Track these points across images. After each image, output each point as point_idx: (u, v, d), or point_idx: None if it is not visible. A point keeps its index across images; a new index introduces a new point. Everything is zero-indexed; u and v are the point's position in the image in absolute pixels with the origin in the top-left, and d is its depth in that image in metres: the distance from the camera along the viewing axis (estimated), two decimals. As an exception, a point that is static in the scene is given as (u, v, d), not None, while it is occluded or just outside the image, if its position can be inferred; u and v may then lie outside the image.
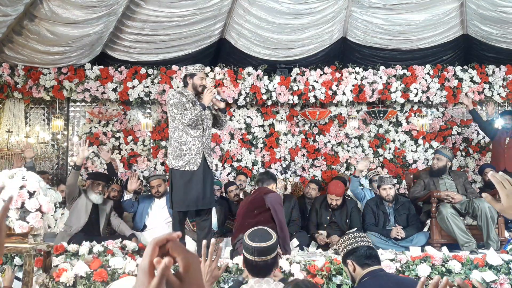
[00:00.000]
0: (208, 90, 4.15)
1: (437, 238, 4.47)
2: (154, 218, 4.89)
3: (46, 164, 6.35)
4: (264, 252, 2.25)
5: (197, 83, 4.21)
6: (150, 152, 6.55)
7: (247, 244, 2.28)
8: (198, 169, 4.06)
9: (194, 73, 4.25)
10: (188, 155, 4.07)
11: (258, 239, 2.28)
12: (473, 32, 6.19)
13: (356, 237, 2.38)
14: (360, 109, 6.80)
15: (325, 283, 3.14)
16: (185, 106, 4.08)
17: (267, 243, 2.28)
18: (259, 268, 2.26)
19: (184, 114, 4.03)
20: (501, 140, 5.74)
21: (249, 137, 6.67)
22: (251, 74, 6.40)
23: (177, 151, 4.09)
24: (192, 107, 4.07)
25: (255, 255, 2.24)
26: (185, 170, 4.06)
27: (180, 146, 4.09)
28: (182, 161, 4.07)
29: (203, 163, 4.11)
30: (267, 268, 2.27)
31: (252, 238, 2.30)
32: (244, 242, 2.31)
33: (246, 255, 2.29)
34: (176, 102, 4.09)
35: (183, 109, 4.06)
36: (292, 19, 5.75)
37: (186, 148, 4.08)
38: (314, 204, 5.17)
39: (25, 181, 2.87)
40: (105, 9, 5.06)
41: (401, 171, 6.50)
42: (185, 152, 4.08)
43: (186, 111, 4.04)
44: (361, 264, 2.29)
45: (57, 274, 3.15)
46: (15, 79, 6.13)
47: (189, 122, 4.02)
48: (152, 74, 6.34)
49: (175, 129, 4.13)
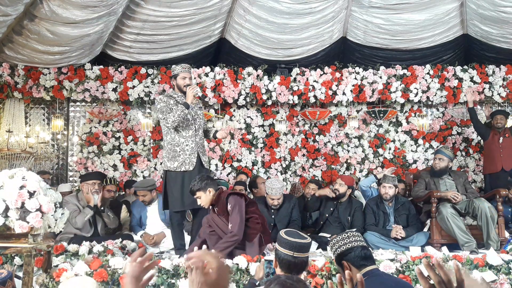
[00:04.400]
0: (190, 87, 4.13)
1: (437, 238, 4.47)
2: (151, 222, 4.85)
3: (46, 164, 6.35)
4: (304, 248, 2.38)
5: (180, 83, 4.20)
6: (150, 152, 6.55)
7: (287, 239, 2.37)
8: (194, 169, 4.08)
9: (177, 74, 4.23)
10: (183, 156, 4.08)
11: (298, 237, 2.40)
12: (473, 32, 6.19)
13: (350, 237, 2.34)
14: (360, 109, 6.79)
15: (325, 283, 3.14)
16: (171, 109, 4.06)
17: (305, 240, 2.40)
18: (296, 264, 2.34)
19: (167, 118, 4.03)
20: (495, 140, 5.75)
21: (249, 137, 6.67)
22: (251, 74, 6.40)
23: (171, 153, 4.10)
24: (175, 109, 4.05)
25: (295, 251, 2.34)
26: (181, 171, 4.06)
27: (173, 147, 4.10)
28: (177, 162, 4.08)
29: (198, 162, 4.12)
30: (303, 265, 2.38)
31: (291, 235, 2.41)
32: (282, 238, 2.39)
33: (283, 251, 2.36)
34: (162, 106, 4.09)
35: (167, 113, 4.05)
36: (292, 19, 5.75)
37: (180, 149, 4.09)
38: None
39: (25, 181, 2.87)
40: (105, 9, 5.06)
41: (401, 171, 6.50)
42: (179, 153, 4.09)
43: (169, 114, 4.03)
44: (358, 265, 2.26)
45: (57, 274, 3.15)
46: (15, 79, 6.14)
47: (173, 125, 4.02)
48: (152, 74, 6.35)
49: (167, 132, 4.15)
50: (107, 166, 6.43)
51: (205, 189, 3.68)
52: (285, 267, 2.34)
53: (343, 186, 4.96)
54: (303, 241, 2.38)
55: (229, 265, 1.86)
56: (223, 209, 3.68)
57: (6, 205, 2.78)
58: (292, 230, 2.50)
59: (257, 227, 3.69)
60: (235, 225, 3.54)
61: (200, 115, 4.30)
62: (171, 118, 4.01)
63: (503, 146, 5.70)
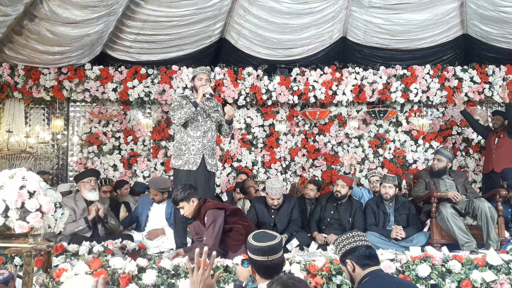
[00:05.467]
0: (201, 87, 4.19)
1: (437, 238, 4.47)
2: (154, 219, 4.87)
3: (46, 164, 6.35)
4: (276, 249, 2.28)
5: (196, 84, 4.28)
6: (150, 152, 6.55)
7: (257, 246, 2.26)
8: (197, 170, 4.11)
9: (195, 75, 4.34)
10: (188, 155, 4.15)
11: (266, 239, 2.29)
12: (473, 32, 6.19)
13: (354, 236, 2.36)
14: (360, 109, 6.79)
15: (325, 283, 3.13)
16: (182, 108, 4.15)
17: (276, 240, 2.30)
18: (273, 268, 2.26)
19: (174, 116, 4.13)
20: (491, 141, 5.73)
21: (249, 137, 6.67)
22: (251, 74, 6.40)
23: (177, 151, 4.22)
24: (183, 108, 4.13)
25: (268, 255, 2.25)
26: (184, 169, 4.13)
27: (180, 146, 4.21)
28: (181, 160, 4.16)
29: (202, 164, 4.14)
30: (280, 266, 2.30)
31: (259, 239, 2.30)
32: (252, 245, 2.28)
33: (257, 258, 2.26)
34: (175, 105, 4.21)
35: (176, 110, 4.15)
36: (292, 19, 5.75)
37: (186, 148, 4.17)
38: (320, 200, 5.16)
39: (25, 181, 2.86)
40: (105, 9, 5.06)
41: (401, 171, 6.50)
42: (185, 152, 4.16)
43: (176, 111, 4.12)
44: (362, 264, 2.27)
45: (57, 274, 3.14)
46: (15, 79, 6.14)
47: (179, 122, 4.11)
48: (152, 74, 6.35)
49: (177, 131, 4.29)
50: (107, 166, 6.43)
51: (188, 199, 3.68)
52: (263, 272, 2.27)
53: (344, 188, 4.96)
54: (273, 243, 2.27)
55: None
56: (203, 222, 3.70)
57: (6, 205, 2.78)
58: (259, 233, 2.38)
59: (240, 238, 3.69)
60: (209, 238, 3.55)
61: (214, 117, 4.33)
62: (177, 115, 4.11)
63: (497, 147, 5.64)
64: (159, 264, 3.25)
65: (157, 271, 3.17)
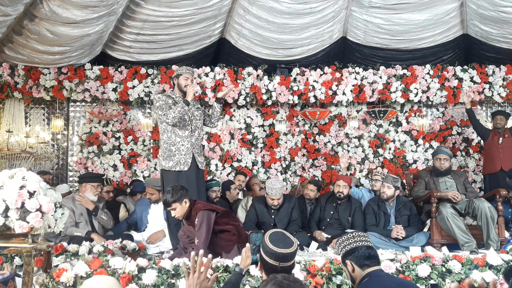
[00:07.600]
0: (190, 85, 4.21)
1: (437, 238, 4.48)
2: (153, 220, 4.87)
3: (46, 164, 6.35)
4: (290, 257, 2.22)
5: (181, 83, 4.28)
6: (150, 152, 6.55)
7: (272, 249, 2.20)
8: (189, 169, 4.11)
9: (180, 74, 4.33)
10: (178, 156, 4.12)
11: (283, 245, 2.22)
12: (473, 32, 6.19)
13: (355, 236, 2.36)
14: (360, 109, 6.79)
15: (325, 283, 3.13)
16: (170, 107, 4.13)
17: (292, 248, 2.23)
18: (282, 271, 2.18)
19: (167, 114, 4.09)
20: (494, 141, 5.75)
21: (249, 137, 6.67)
22: (251, 74, 6.40)
23: (166, 152, 4.15)
24: (174, 107, 4.11)
25: (280, 261, 2.19)
26: (175, 171, 4.10)
27: (169, 147, 4.15)
28: (172, 161, 4.12)
29: (193, 163, 4.14)
30: (288, 272, 2.24)
31: (276, 243, 2.22)
32: (267, 247, 2.22)
33: (268, 260, 2.21)
34: (161, 104, 4.15)
35: (167, 109, 4.12)
36: (292, 19, 5.75)
37: (175, 149, 4.14)
38: (320, 200, 5.17)
39: (25, 181, 2.87)
40: (105, 9, 5.06)
41: (401, 171, 6.50)
42: (175, 153, 4.13)
43: (169, 110, 4.10)
44: (361, 264, 2.27)
45: (57, 274, 3.15)
46: (15, 79, 6.14)
47: (174, 121, 4.08)
48: (152, 74, 6.35)
49: (163, 131, 4.21)
50: (107, 166, 6.43)
51: (181, 200, 3.67)
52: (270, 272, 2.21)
53: (346, 188, 4.96)
54: (289, 251, 2.20)
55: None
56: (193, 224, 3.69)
57: (6, 205, 2.78)
58: (277, 234, 2.30)
59: (232, 239, 3.70)
60: (200, 240, 3.55)
61: (197, 116, 4.35)
62: (171, 114, 4.08)
63: (503, 147, 5.70)
64: (159, 264, 3.25)
65: (157, 271, 3.17)
